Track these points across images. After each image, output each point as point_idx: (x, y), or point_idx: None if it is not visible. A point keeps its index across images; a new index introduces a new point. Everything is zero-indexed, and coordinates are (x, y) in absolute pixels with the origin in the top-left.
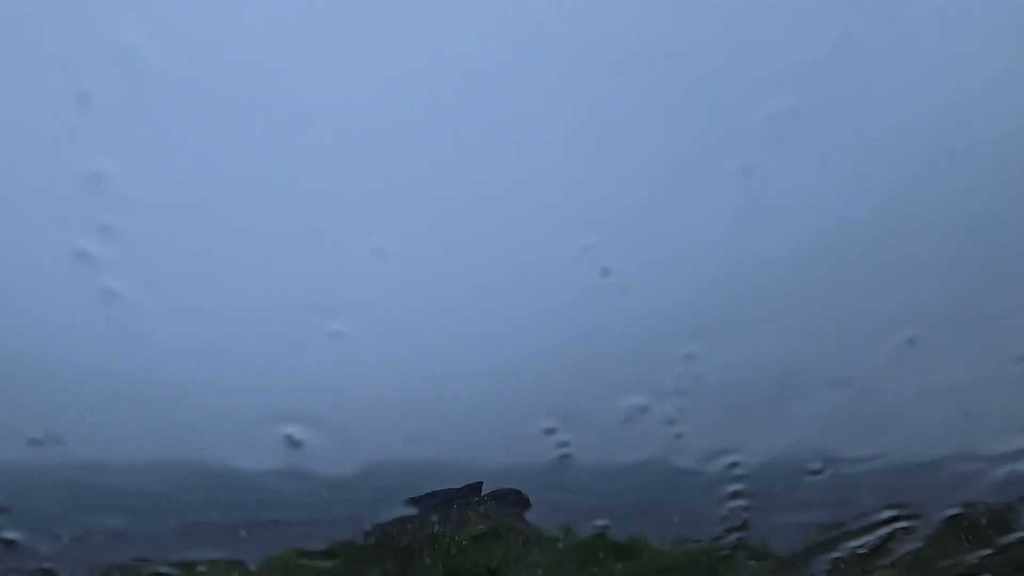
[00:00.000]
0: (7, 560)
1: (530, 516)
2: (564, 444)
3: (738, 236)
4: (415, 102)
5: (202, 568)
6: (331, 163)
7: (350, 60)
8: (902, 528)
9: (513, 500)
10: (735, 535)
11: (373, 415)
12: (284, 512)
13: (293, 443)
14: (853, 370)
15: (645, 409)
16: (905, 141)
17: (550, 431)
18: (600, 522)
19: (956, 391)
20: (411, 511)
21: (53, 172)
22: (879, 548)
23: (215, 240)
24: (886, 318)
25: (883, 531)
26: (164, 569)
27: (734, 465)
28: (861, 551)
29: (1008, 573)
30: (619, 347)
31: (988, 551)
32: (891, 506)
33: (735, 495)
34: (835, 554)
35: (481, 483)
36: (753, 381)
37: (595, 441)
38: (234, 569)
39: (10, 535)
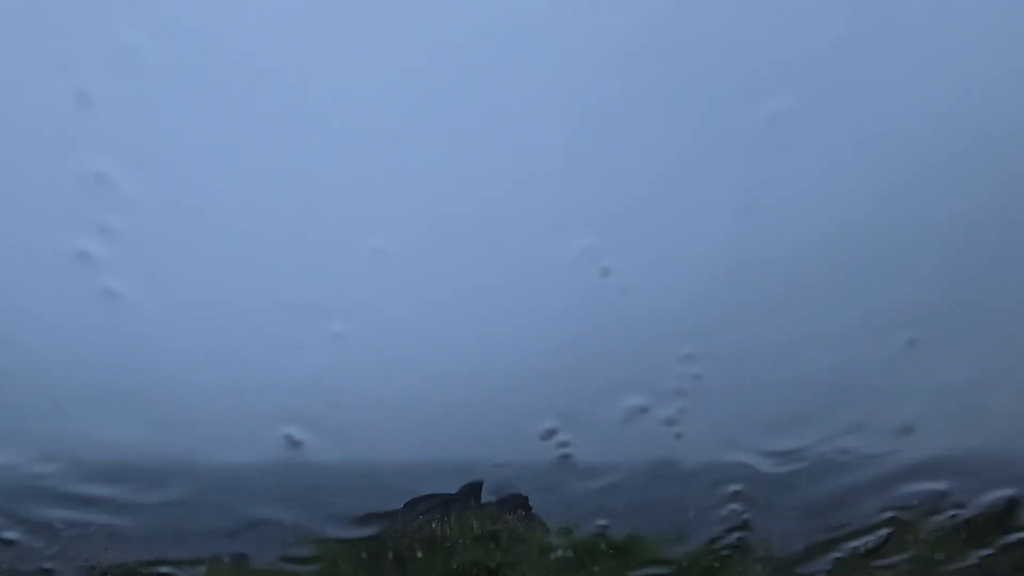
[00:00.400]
0: (7, 560)
1: (530, 516)
2: (564, 444)
3: (738, 236)
4: (415, 102)
5: (202, 568)
6: (331, 163)
7: (350, 60)
8: (902, 528)
9: (513, 501)
10: (735, 535)
11: (373, 415)
12: (284, 512)
13: (293, 443)
14: (853, 370)
15: (645, 409)
16: (905, 141)
17: (550, 431)
18: (600, 522)
19: (956, 391)
20: (411, 512)
21: (53, 172)
22: (879, 548)
23: (215, 240)
24: (886, 318)
25: (883, 531)
26: (164, 569)
27: (735, 466)
28: (861, 551)
29: (1008, 573)
30: (619, 347)
31: (988, 551)
32: (891, 506)
33: (735, 495)
34: (835, 554)
35: (481, 484)
36: (753, 381)
37: (595, 441)
38: (234, 568)
39: (10, 535)
